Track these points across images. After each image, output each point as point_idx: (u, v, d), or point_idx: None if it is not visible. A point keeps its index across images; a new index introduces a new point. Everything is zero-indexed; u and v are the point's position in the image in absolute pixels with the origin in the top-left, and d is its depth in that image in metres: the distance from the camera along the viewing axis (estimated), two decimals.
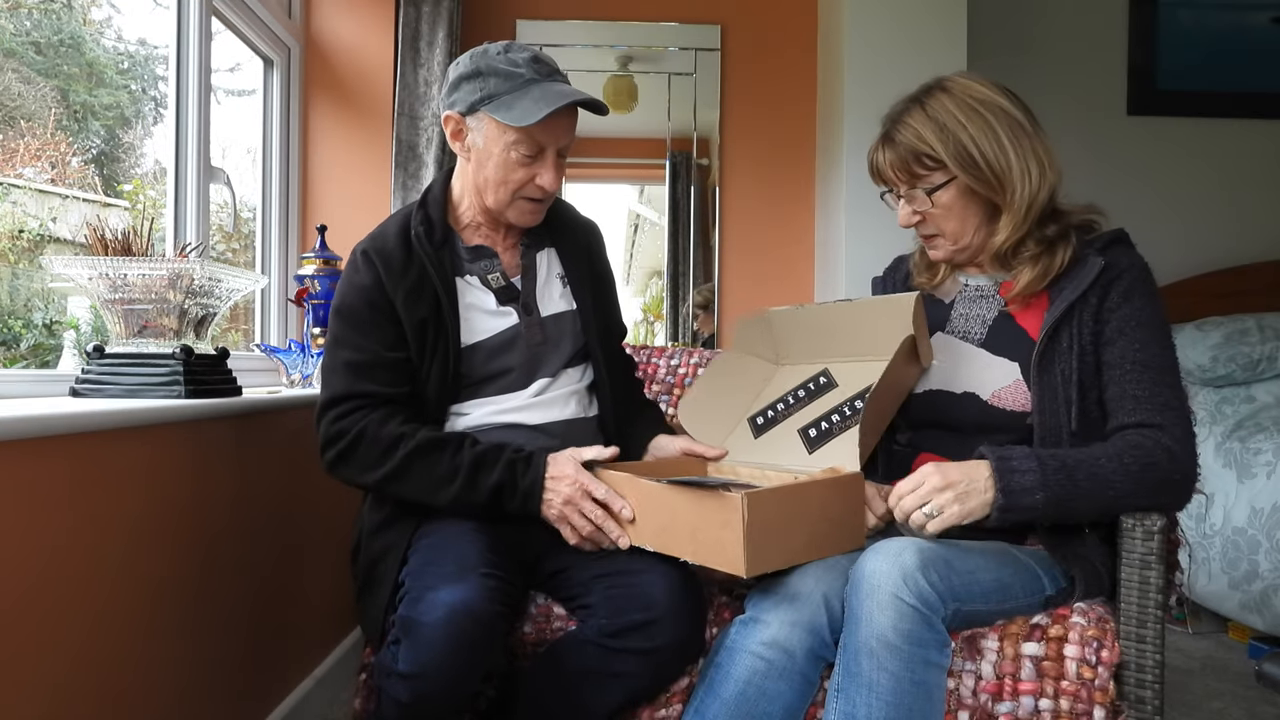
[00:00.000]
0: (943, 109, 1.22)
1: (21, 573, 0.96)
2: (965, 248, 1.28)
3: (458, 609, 1.06)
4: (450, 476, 1.23)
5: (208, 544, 1.38)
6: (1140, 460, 1.10)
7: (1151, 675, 1.10)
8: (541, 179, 1.30)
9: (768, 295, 2.91)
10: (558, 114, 1.26)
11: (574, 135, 1.33)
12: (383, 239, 1.33)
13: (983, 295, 1.31)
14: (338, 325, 1.32)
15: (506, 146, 1.28)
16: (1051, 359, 1.19)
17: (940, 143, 1.21)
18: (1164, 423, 1.13)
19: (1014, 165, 1.21)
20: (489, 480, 1.22)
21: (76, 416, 1.04)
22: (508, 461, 1.23)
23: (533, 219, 1.36)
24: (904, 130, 1.24)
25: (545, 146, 1.29)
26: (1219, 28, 3.21)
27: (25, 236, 1.68)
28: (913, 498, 1.10)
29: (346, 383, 1.28)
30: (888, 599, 1.04)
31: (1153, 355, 1.16)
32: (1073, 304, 1.18)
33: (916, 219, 1.28)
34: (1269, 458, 2.31)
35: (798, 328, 1.45)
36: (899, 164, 1.25)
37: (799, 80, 2.93)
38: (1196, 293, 3.13)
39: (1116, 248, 1.22)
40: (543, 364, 1.37)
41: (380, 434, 1.24)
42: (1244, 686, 2.10)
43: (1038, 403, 1.18)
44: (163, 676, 1.25)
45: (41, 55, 1.76)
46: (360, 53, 2.63)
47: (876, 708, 1.02)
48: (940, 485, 1.09)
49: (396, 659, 1.09)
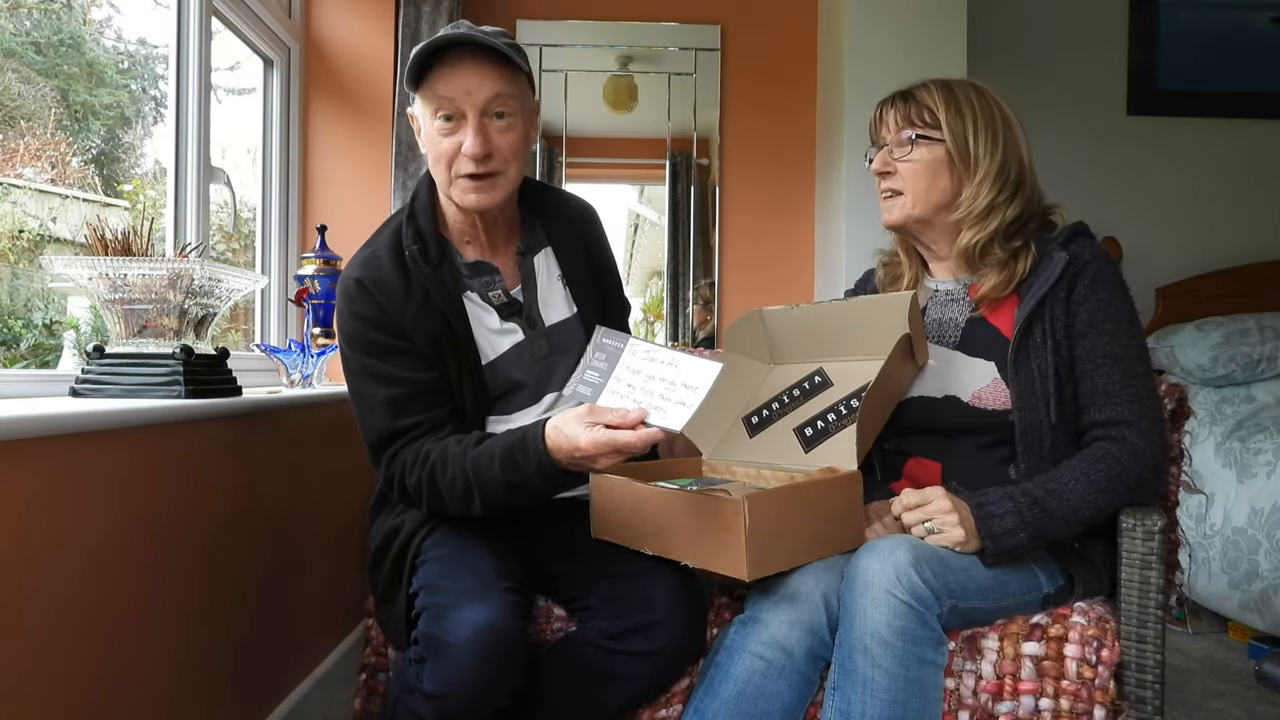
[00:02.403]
0: (962, 90, 1.29)
1: (21, 573, 0.96)
2: (917, 218, 1.31)
3: (484, 628, 1.05)
4: (468, 491, 1.17)
5: (207, 544, 1.38)
6: (1109, 474, 1.14)
7: (1152, 675, 1.10)
8: (465, 145, 1.21)
9: (768, 295, 2.91)
10: (459, 67, 1.20)
11: (498, 90, 1.21)
12: (375, 263, 1.26)
13: (953, 299, 1.34)
14: (358, 360, 1.26)
15: (429, 117, 1.23)
16: (1027, 355, 1.21)
17: (946, 108, 1.28)
18: (1132, 417, 1.17)
19: (993, 168, 1.26)
20: (501, 477, 1.15)
21: (76, 416, 1.04)
22: (504, 455, 1.15)
23: (479, 199, 1.25)
24: (921, 91, 1.31)
25: (461, 106, 1.21)
26: (1219, 28, 3.21)
27: (25, 236, 1.68)
28: (918, 514, 1.15)
29: (387, 420, 1.23)
30: (881, 596, 1.04)
31: (1121, 346, 1.19)
32: (1042, 299, 1.21)
33: (889, 169, 1.32)
34: (1269, 458, 2.31)
35: (792, 328, 1.45)
36: (902, 114, 1.30)
37: (799, 80, 2.93)
38: (1196, 293, 3.13)
39: (1078, 240, 1.26)
40: (551, 377, 1.34)
41: (418, 467, 1.20)
42: (1244, 686, 2.10)
43: (1017, 399, 1.21)
44: (162, 676, 1.25)
45: (41, 55, 1.76)
46: (360, 53, 2.63)
47: (871, 705, 1.03)
48: (947, 509, 1.13)
49: (420, 677, 1.07)
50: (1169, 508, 1.29)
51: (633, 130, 2.97)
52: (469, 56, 1.21)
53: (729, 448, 1.41)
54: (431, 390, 1.25)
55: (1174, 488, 1.30)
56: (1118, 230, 3.08)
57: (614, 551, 1.25)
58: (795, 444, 1.33)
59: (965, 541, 1.12)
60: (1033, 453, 1.20)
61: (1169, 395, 1.30)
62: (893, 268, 1.44)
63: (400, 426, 1.23)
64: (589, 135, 2.97)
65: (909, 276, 1.40)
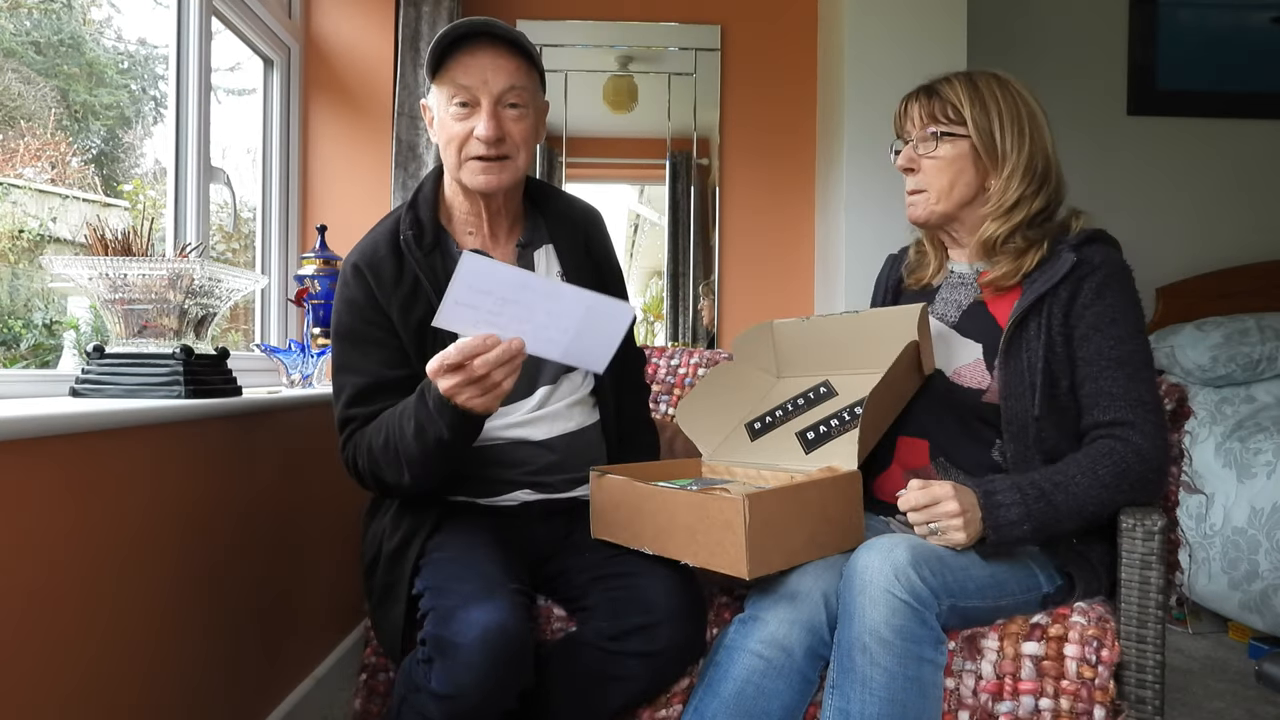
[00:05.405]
0: (986, 84, 1.29)
1: (20, 573, 0.96)
2: (942, 213, 1.32)
3: (492, 629, 1.05)
4: (387, 445, 1.18)
5: (207, 544, 1.38)
6: (1113, 470, 1.14)
7: (1152, 675, 1.10)
8: (478, 129, 1.24)
9: (768, 295, 2.91)
10: (477, 56, 1.24)
11: (513, 82, 1.26)
12: (373, 248, 1.30)
13: (963, 282, 1.37)
14: (337, 346, 1.31)
15: (445, 104, 1.27)
16: (1019, 346, 1.22)
17: (970, 103, 1.28)
18: (1136, 419, 1.17)
19: (1020, 161, 1.27)
20: (417, 432, 1.14)
21: (76, 416, 1.04)
22: (416, 398, 1.16)
23: (487, 181, 1.28)
24: (944, 86, 1.31)
25: (476, 93, 1.25)
26: (1219, 28, 3.21)
27: (25, 236, 1.68)
28: (924, 514, 1.14)
29: (346, 406, 1.28)
30: (880, 594, 1.05)
31: (1128, 352, 1.19)
32: (1042, 295, 1.22)
33: (914, 165, 1.32)
34: (1269, 458, 2.31)
35: (801, 340, 1.45)
36: (925, 110, 1.31)
37: (799, 80, 2.93)
38: (1196, 293, 3.13)
39: (1092, 245, 1.26)
40: (542, 371, 1.34)
41: (363, 446, 1.24)
42: (1244, 686, 2.10)
43: (1003, 388, 1.22)
44: (161, 676, 1.25)
45: (41, 55, 1.76)
46: (360, 53, 2.63)
47: (870, 703, 1.03)
48: (954, 511, 1.12)
49: (429, 678, 1.08)
50: (1169, 508, 1.29)
51: (633, 130, 2.97)
52: (488, 46, 1.25)
53: (729, 450, 1.41)
54: (394, 386, 1.26)
55: (1174, 488, 1.30)
56: (1118, 230, 3.05)
57: (614, 552, 1.25)
58: (796, 446, 1.33)
59: (965, 543, 1.12)
60: (1018, 440, 1.21)
61: (1169, 395, 1.30)
62: (920, 255, 1.45)
63: (355, 414, 1.26)
64: (589, 135, 2.97)
65: (934, 264, 1.41)
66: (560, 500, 1.36)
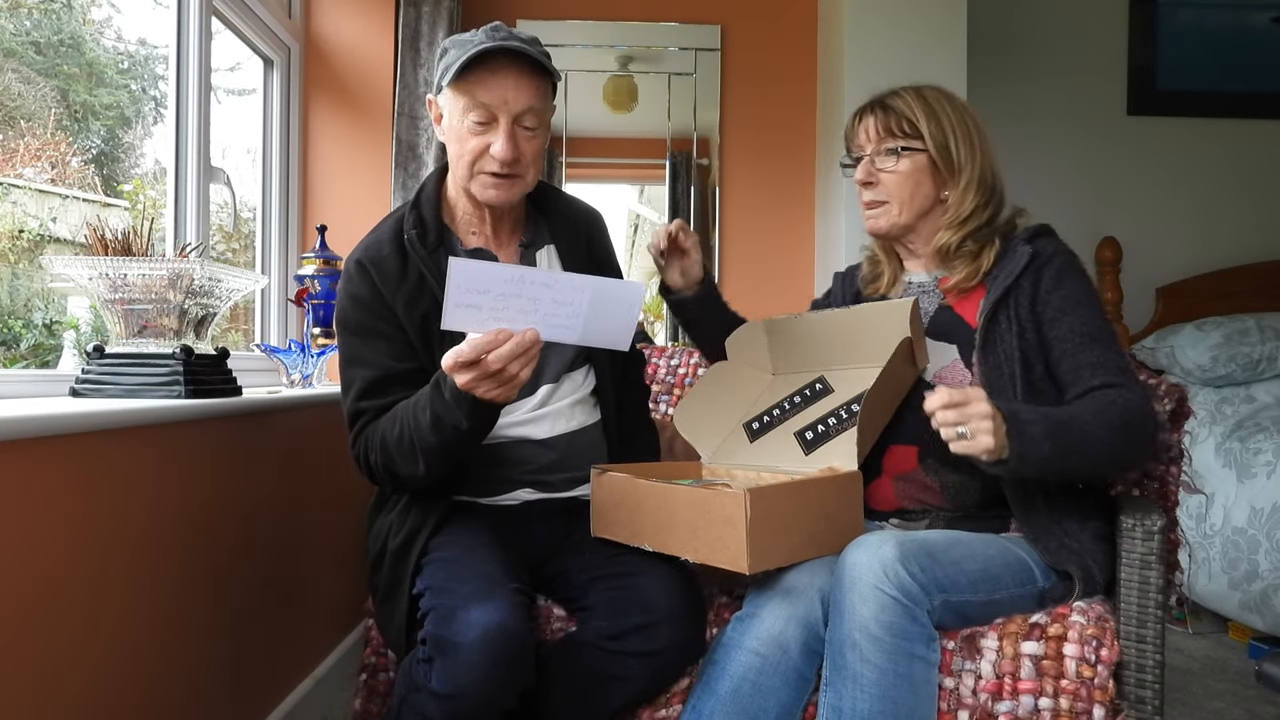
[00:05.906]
0: (935, 98, 1.34)
1: (20, 573, 0.96)
2: (904, 225, 1.35)
3: (493, 629, 1.05)
4: (402, 437, 1.18)
5: (207, 544, 1.38)
6: (1117, 413, 1.16)
7: (1151, 675, 1.10)
8: (494, 148, 1.24)
9: (768, 294, 2.91)
10: (499, 74, 1.23)
11: (532, 103, 1.25)
12: (376, 245, 1.31)
13: (924, 291, 1.39)
14: (344, 340, 1.31)
15: (461, 115, 1.26)
16: (994, 340, 1.26)
17: (925, 118, 1.31)
18: (1125, 383, 1.20)
19: (975, 173, 1.32)
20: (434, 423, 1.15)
21: (76, 416, 1.04)
22: (431, 388, 1.16)
23: (498, 195, 1.29)
24: (896, 100, 1.34)
25: (495, 111, 1.24)
26: (1219, 28, 3.21)
27: (25, 236, 1.68)
28: (956, 413, 1.08)
29: (355, 400, 1.27)
30: (868, 591, 1.05)
31: (1097, 328, 1.24)
32: (1007, 289, 1.27)
33: (873, 179, 1.35)
34: (1269, 458, 2.31)
35: (793, 337, 1.46)
36: (881, 124, 1.34)
37: (799, 80, 2.93)
38: (1196, 293, 3.13)
39: (1041, 239, 1.31)
40: (544, 370, 1.35)
41: (376, 439, 1.23)
42: (1244, 686, 2.10)
43: (985, 382, 1.25)
44: (161, 676, 1.25)
45: (41, 55, 1.76)
46: (360, 53, 2.63)
47: (861, 700, 1.03)
48: (986, 413, 1.07)
49: (429, 677, 1.08)
50: (1169, 508, 1.29)
51: (633, 130, 2.97)
52: (510, 65, 1.24)
53: (729, 452, 1.41)
54: (403, 379, 1.27)
55: (1174, 488, 1.30)
56: (1117, 230, 3.08)
57: (614, 551, 1.25)
58: (795, 447, 1.33)
59: (992, 450, 1.08)
60: None
61: (1169, 395, 1.30)
62: (874, 265, 1.48)
63: (365, 407, 1.26)
64: (589, 135, 2.97)
65: (889, 274, 1.44)
66: (560, 500, 1.36)
